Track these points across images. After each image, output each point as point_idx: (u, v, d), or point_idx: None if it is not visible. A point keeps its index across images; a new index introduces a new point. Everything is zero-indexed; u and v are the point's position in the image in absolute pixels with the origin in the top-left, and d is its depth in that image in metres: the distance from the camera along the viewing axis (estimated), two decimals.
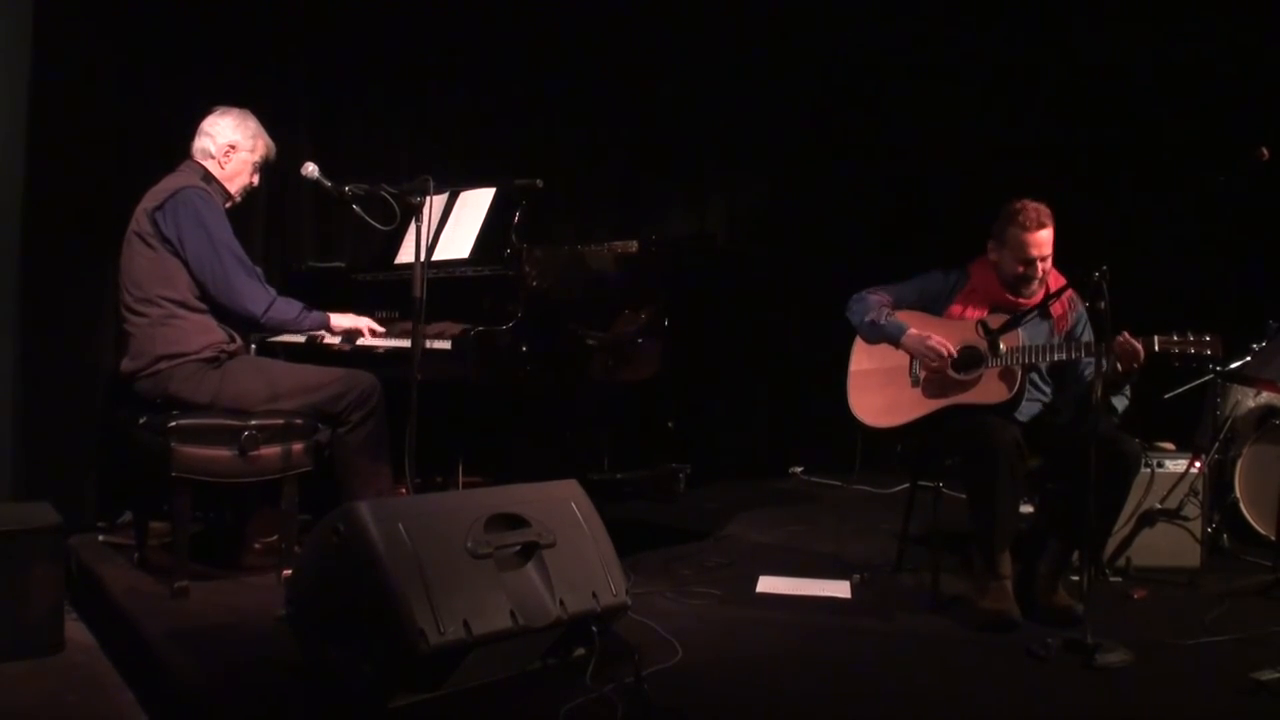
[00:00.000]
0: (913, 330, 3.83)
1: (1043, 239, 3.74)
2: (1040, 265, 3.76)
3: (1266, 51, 5.65)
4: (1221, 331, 3.45)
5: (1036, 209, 3.75)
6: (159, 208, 3.73)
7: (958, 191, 6.26)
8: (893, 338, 3.86)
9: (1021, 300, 3.81)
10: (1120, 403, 3.78)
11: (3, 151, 4.28)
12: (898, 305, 3.97)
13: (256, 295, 3.79)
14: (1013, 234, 3.76)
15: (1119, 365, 3.49)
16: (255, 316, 3.79)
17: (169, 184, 3.81)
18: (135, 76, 4.58)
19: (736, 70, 6.39)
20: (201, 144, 3.92)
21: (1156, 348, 3.44)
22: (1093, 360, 3.61)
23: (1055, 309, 3.83)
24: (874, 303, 3.95)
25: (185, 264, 3.73)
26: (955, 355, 3.76)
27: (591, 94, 6.07)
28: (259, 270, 3.93)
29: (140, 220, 3.78)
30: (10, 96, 4.27)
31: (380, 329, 4.04)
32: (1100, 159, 6.08)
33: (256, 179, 4.05)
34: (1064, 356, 3.70)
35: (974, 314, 3.85)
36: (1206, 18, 5.76)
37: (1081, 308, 3.87)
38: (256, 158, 3.98)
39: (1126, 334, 3.46)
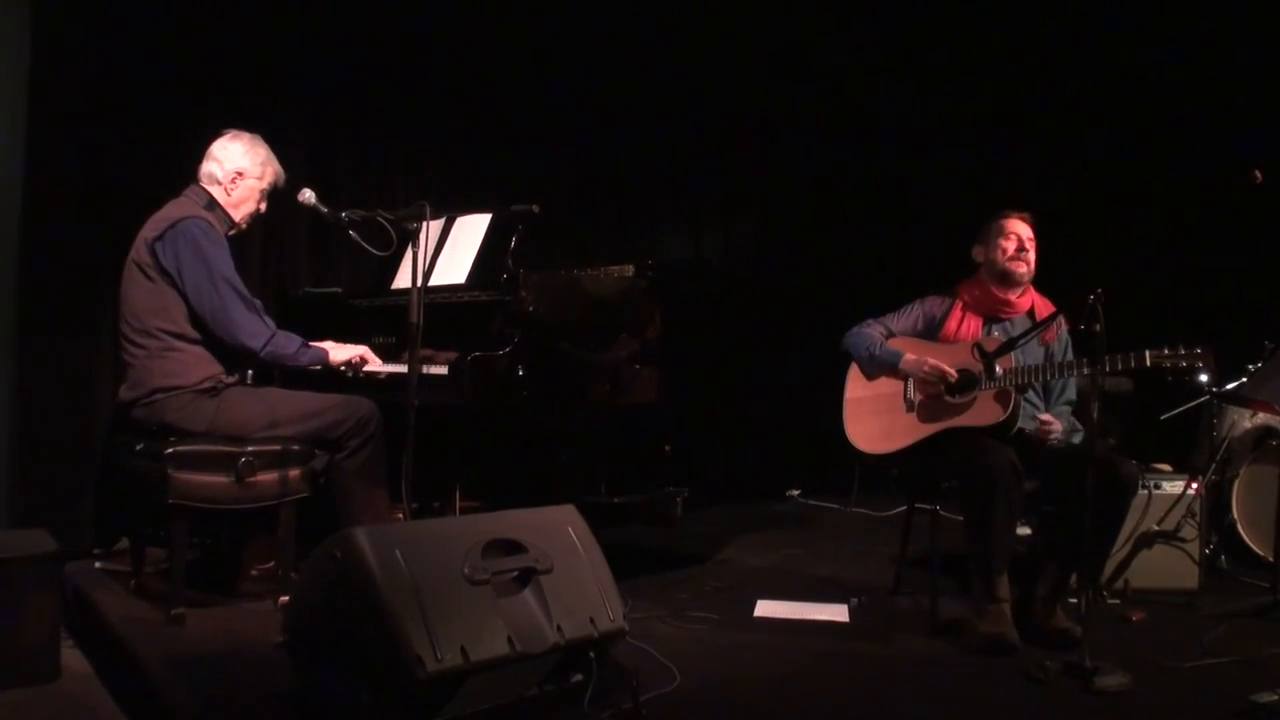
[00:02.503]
0: (909, 355, 3.86)
1: (1025, 225, 3.90)
2: (1027, 250, 3.88)
3: (1260, 72, 5.69)
4: (1216, 352, 3.46)
5: (1015, 211, 3.95)
6: (159, 238, 3.70)
7: (951, 217, 6.28)
8: (891, 365, 3.90)
9: (1012, 297, 3.90)
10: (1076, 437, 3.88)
11: (1, 175, 4.29)
12: (891, 334, 4.02)
13: (255, 329, 3.76)
14: (995, 228, 3.94)
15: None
16: (254, 351, 3.76)
17: (170, 212, 3.78)
18: (134, 100, 4.60)
19: (733, 96, 6.42)
20: (208, 169, 3.89)
21: (1149, 362, 3.45)
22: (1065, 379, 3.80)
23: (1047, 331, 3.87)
24: (869, 335, 4.00)
25: (183, 296, 3.70)
26: (955, 376, 3.78)
27: (588, 119, 6.09)
28: (259, 303, 3.89)
29: (139, 249, 3.76)
30: (9, 120, 4.29)
31: (377, 360, 4.04)
32: (1094, 181, 6.11)
33: (264, 206, 4.00)
34: (1053, 378, 3.77)
35: (968, 328, 3.90)
36: (1201, 37, 5.80)
37: (1065, 330, 3.91)
38: (265, 184, 3.94)
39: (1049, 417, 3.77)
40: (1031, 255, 3.89)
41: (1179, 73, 5.87)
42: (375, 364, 4.03)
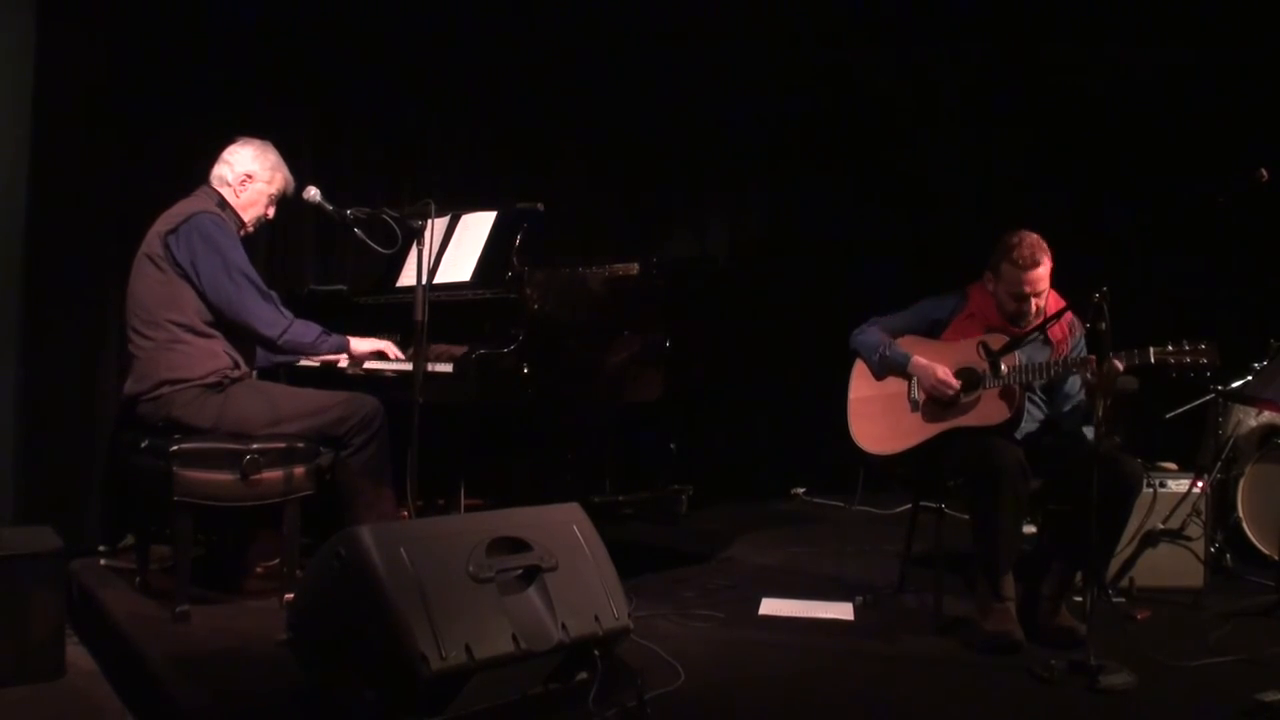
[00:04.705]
0: (919, 358, 3.84)
1: (1037, 277, 3.72)
2: (1034, 301, 3.76)
3: (1266, 71, 5.69)
4: (1221, 349, 3.46)
5: (1031, 246, 3.71)
6: (172, 231, 3.74)
7: (959, 211, 6.29)
8: (900, 365, 3.88)
9: (1022, 325, 3.82)
10: (1087, 431, 3.78)
11: (7, 174, 4.30)
12: (897, 334, 3.99)
13: (272, 319, 3.79)
14: (1007, 271, 3.75)
15: (1093, 383, 3.48)
16: (272, 340, 3.79)
17: (183, 208, 3.82)
18: (140, 100, 4.61)
19: (737, 92, 6.41)
20: (219, 171, 3.94)
21: (1153, 359, 3.44)
22: (1077, 375, 3.70)
23: (1055, 333, 3.82)
24: (876, 335, 3.97)
25: (199, 289, 3.73)
26: (958, 386, 3.76)
27: (592, 117, 6.09)
28: (275, 294, 3.93)
29: (152, 243, 3.79)
30: (15, 119, 4.30)
31: (399, 353, 4.04)
32: (1100, 180, 6.10)
33: (272, 211, 4.04)
34: (1058, 374, 3.72)
35: (971, 337, 3.86)
36: (1208, 38, 5.79)
37: (1080, 331, 3.87)
38: (274, 190, 3.99)
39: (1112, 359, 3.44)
40: (1042, 300, 3.75)
41: (1186, 70, 5.86)
42: (395, 357, 4.03)
